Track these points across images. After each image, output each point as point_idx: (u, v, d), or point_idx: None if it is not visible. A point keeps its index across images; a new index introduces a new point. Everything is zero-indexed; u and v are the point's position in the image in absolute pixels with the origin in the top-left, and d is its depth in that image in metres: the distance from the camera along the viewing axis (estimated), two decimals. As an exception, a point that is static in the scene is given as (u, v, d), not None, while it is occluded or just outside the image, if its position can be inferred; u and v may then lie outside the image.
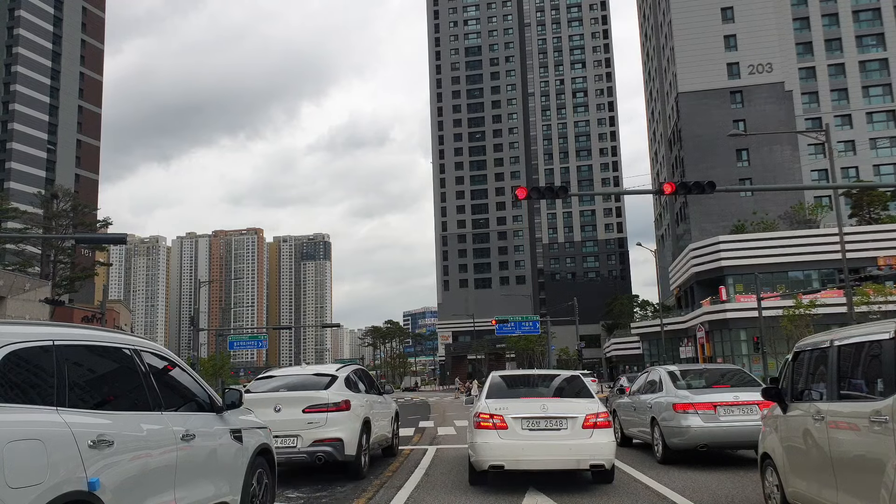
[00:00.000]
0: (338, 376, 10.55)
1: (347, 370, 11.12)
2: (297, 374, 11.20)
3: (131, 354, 4.80)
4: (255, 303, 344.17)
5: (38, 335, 3.97)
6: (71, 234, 51.18)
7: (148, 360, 4.97)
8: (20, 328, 3.93)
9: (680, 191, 18.11)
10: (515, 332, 63.55)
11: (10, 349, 3.69)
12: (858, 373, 5.29)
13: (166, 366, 5.27)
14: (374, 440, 11.13)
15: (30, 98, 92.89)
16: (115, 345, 4.70)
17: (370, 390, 11.69)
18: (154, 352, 5.14)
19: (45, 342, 3.97)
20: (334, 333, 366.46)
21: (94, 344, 4.47)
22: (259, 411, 8.42)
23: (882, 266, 45.04)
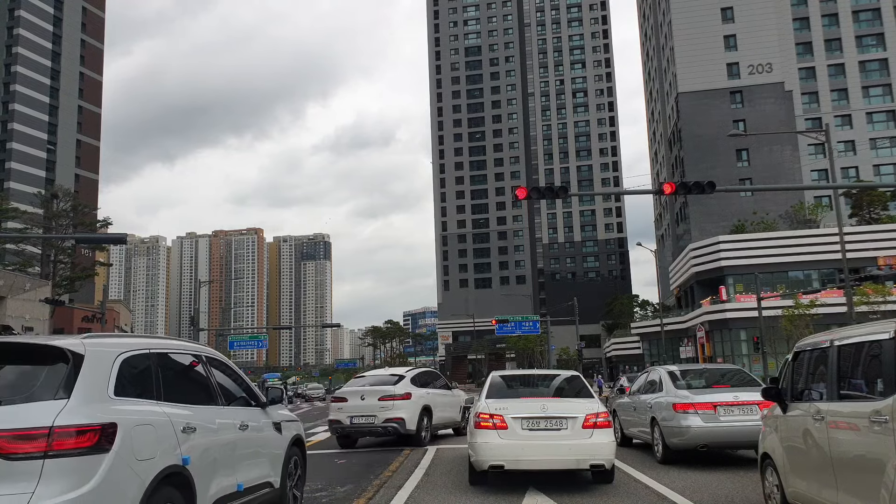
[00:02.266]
0: (405, 376, 15.04)
1: (413, 372, 15.55)
2: (379, 375, 16.26)
3: (201, 359, 5.92)
4: (255, 303, 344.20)
5: (139, 345, 5.07)
6: (71, 234, 51.17)
7: (210, 363, 6.06)
8: (126, 340, 5.09)
9: (680, 191, 18.11)
10: (515, 332, 63.54)
11: (123, 357, 4.76)
12: (858, 373, 5.29)
13: (224, 368, 6.33)
14: (437, 422, 15.37)
15: (30, 98, 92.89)
16: (189, 352, 5.81)
17: (435, 386, 15.84)
18: (214, 357, 6.24)
19: (144, 350, 5.05)
20: (334, 333, 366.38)
21: (175, 351, 5.61)
22: (351, 400, 14.50)
23: (882, 266, 45.06)
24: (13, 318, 43.59)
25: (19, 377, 4.32)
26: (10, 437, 3.89)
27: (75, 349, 4.43)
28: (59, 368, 4.31)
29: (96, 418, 4.19)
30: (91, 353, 4.49)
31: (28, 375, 4.30)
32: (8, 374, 4.35)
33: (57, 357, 4.38)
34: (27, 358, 4.46)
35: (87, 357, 4.43)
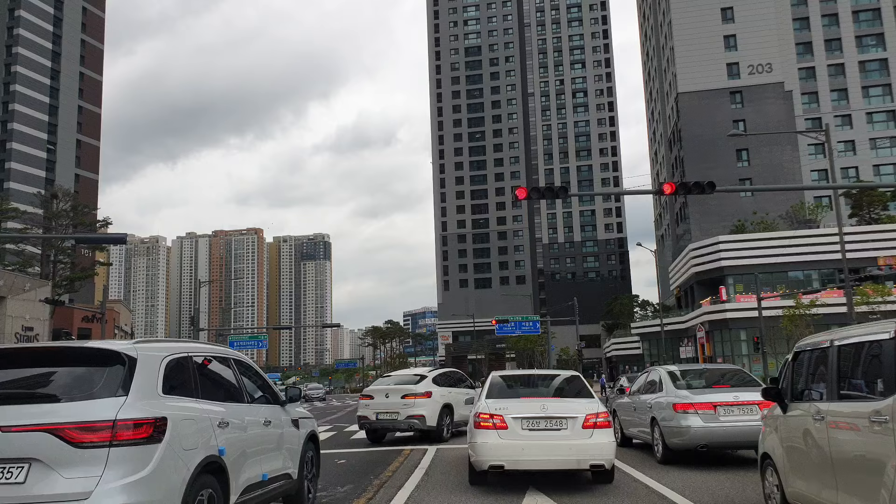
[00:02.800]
0: (427, 376, 16.21)
1: (436, 372, 16.80)
2: (403, 375, 17.74)
3: (230, 361, 6.54)
4: (255, 303, 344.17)
5: (180, 349, 5.67)
6: (71, 234, 51.15)
7: (238, 365, 6.67)
8: (169, 344, 5.66)
9: (680, 191, 18.11)
10: (515, 332, 63.49)
11: (168, 359, 5.36)
12: (858, 373, 5.29)
13: (249, 369, 6.94)
14: (459, 420, 16.14)
15: (30, 98, 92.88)
16: (221, 355, 6.46)
17: (458, 386, 17.00)
18: (241, 359, 6.88)
19: (184, 354, 5.67)
20: (334, 333, 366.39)
21: (209, 354, 6.22)
22: (377, 397, 15.77)
23: (882, 266, 45.05)
24: (13, 318, 43.58)
25: (83, 377, 4.89)
26: (80, 428, 4.49)
27: (130, 353, 5.04)
28: (116, 370, 4.91)
29: (150, 413, 4.80)
30: (142, 357, 5.10)
31: (90, 375, 4.89)
32: (73, 374, 4.93)
33: (114, 360, 4.98)
34: (88, 360, 5.04)
35: (140, 360, 5.04)
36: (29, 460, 4.44)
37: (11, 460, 4.44)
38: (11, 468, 4.44)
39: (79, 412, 4.55)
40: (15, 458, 4.45)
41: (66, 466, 4.44)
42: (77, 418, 4.51)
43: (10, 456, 4.44)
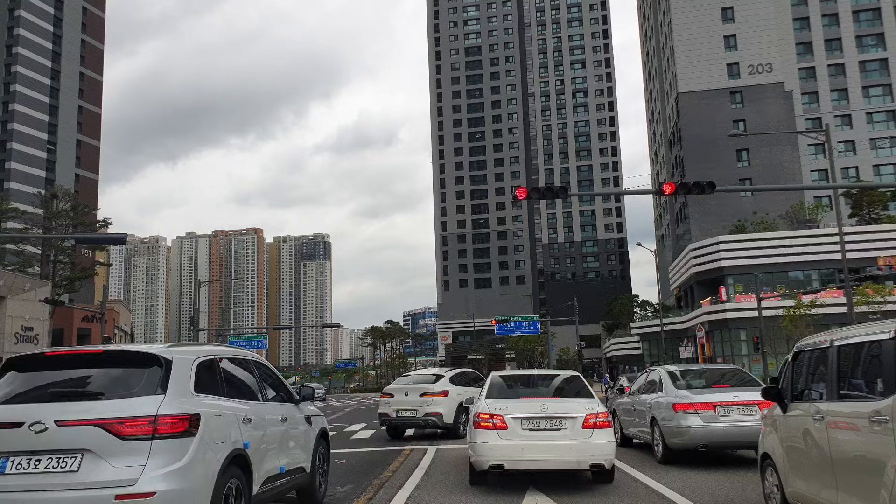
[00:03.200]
0: (444, 376, 16.94)
1: (452, 372, 17.41)
2: (421, 374, 18.80)
3: (250, 363, 7.06)
4: (255, 303, 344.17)
5: (208, 352, 6.22)
6: (71, 234, 51.13)
7: (257, 366, 7.20)
8: (198, 347, 6.25)
9: (680, 191, 18.11)
10: (515, 332, 63.47)
11: (198, 361, 5.88)
12: (858, 373, 5.29)
13: (267, 370, 7.49)
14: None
15: (30, 98, 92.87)
16: (242, 357, 6.99)
17: (473, 385, 16.98)
18: (260, 361, 7.45)
19: (212, 356, 6.21)
20: (334, 333, 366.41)
21: (233, 357, 6.74)
22: (397, 396, 16.55)
23: (882, 266, 45.06)
24: (13, 318, 43.58)
25: (125, 377, 5.45)
26: (125, 423, 5.03)
27: (166, 355, 5.57)
28: (154, 371, 5.44)
29: (186, 410, 5.31)
30: (176, 359, 5.62)
31: (132, 375, 5.45)
32: (116, 374, 5.50)
33: (152, 362, 5.52)
34: (130, 362, 5.65)
35: (174, 362, 5.56)
36: (81, 451, 4.99)
37: (66, 451, 4.99)
38: (66, 458, 4.98)
39: (124, 408, 5.12)
40: (69, 449, 4.99)
41: (114, 456, 4.98)
42: (123, 414, 5.07)
43: (64, 447, 4.99)
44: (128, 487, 4.89)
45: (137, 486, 4.90)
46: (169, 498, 4.96)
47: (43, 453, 5.00)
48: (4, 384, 5.49)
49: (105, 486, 4.88)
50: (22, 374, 5.57)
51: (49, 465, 4.98)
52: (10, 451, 5.02)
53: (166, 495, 4.95)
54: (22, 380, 5.51)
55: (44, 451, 5.00)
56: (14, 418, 5.08)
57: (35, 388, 5.44)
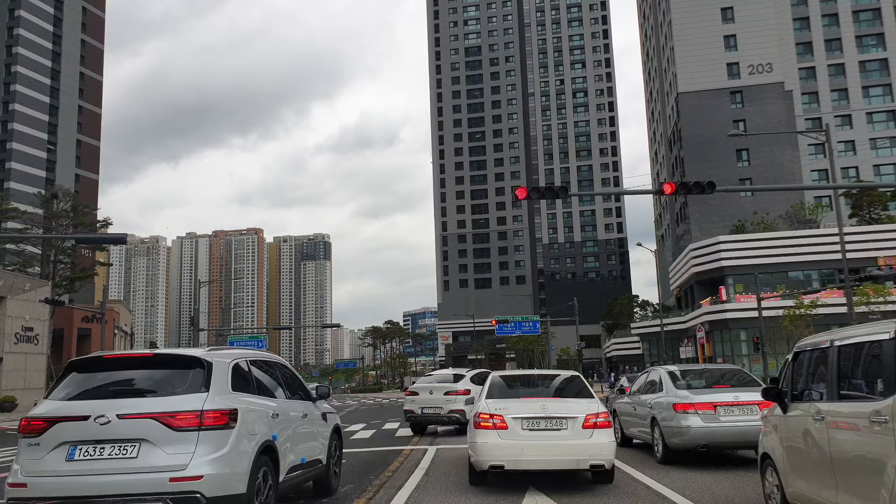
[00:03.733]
0: (465, 376, 18.06)
1: (473, 372, 18.55)
2: (443, 374, 20.13)
3: (274, 365, 7.94)
4: (255, 303, 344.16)
5: (240, 355, 7.02)
6: (71, 234, 51.13)
7: (280, 368, 8.05)
8: (233, 351, 7.07)
9: (680, 191, 18.11)
10: (515, 332, 63.51)
11: (233, 363, 6.70)
12: (858, 373, 5.28)
13: (289, 372, 8.30)
14: None
15: (30, 98, 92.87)
16: (268, 359, 7.91)
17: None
18: (283, 363, 8.32)
19: (245, 359, 7.05)
20: (334, 333, 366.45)
21: (261, 360, 7.59)
22: (422, 394, 17.84)
23: (882, 266, 45.06)
24: (13, 318, 43.58)
25: (173, 377, 6.24)
26: (176, 416, 5.83)
27: (207, 358, 6.37)
28: (198, 372, 6.23)
29: (226, 405, 6.10)
30: (215, 362, 6.41)
31: (179, 376, 6.23)
32: (165, 375, 6.28)
33: (196, 364, 6.31)
34: (177, 364, 6.41)
35: (214, 364, 6.35)
36: (139, 440, 5.80)
37: (126, 440, 5.80)
38: (126, 446, 5.79)
39: (174, 404, 5.93)
40: (129, 439, 5.81)
41: (167, 445, 5.78)
42: (174, 408, 5.89)
43: (125, 437, 5.80)
44: (180, 471, 5.70)
45: (188, 470, 5.72)
46: (214, 481, 5.77)
47: (106, 442, 5.82)
48: (68, 383, 6.30)
49: (160, 471, 5.70)
50: (82, 375, 6.39)
51: (112, 453, 5.79)
52: (78, 441, 5.84)
53: (211, 478, 5.76)
54: (83, 379, 6.33)
55: (107, 441, 5.82)
56: (81, 412, 5.90)
57: (96, 386, 6.22)
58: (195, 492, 5.70)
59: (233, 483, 5.94)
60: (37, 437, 5.93)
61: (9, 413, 39.98)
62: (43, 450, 5.88)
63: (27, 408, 40.35)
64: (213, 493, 5.75)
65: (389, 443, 15.90)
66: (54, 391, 6.29)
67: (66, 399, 6.11)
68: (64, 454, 5.83)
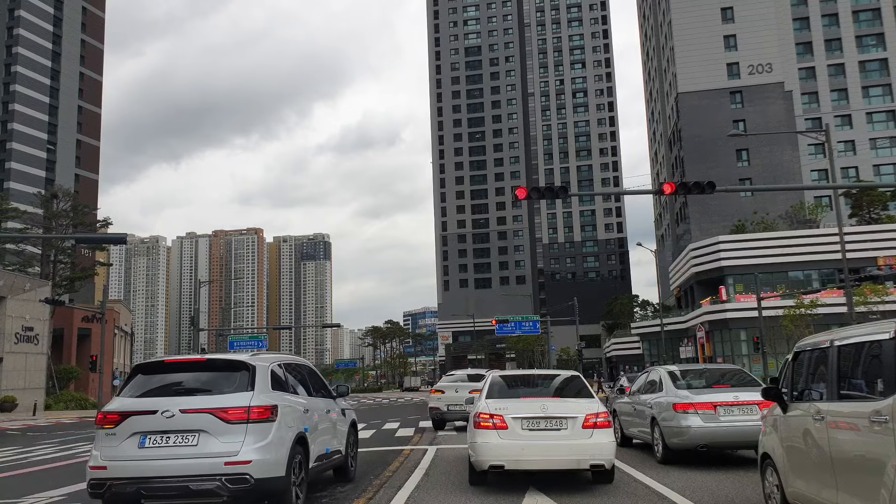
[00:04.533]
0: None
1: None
2: (464, 373, 21.26)
3: (302, 367, 9.04)
4: (255, 303, 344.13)
5: (276, 359, 8.09)
6: (71, 234, 51.12)
7: (307, 369, 9.14)
8: (270, 356, 8.12)
9: (680, 191, 18.11)
10: (515, 332, 63.48)
11: (272, 366, 7.72)
12: (858, 373, 5.28)
13: (313, 372, 9.39)
14: None
15: (30, 98, 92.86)
16: (298, 362, 9.03)
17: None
18: (308, 365, 9.44)
19: (280, 362, 8.11)
20: (334, 333, 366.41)
21: (292, 363, 8.69)
22: (447, 392, 19.17)
23: (882, 266, 45.06)
24: (13, 317, 43.58)
25: (224, 378, 7.30)
26: (228, 411, 6.86)
27: (251, 362, 7.42)
28: (244, 374, 7.28)
29: (268, 402, 7.12)
30: (258, 365, 7.44)
31: (228, 377, 7.30)
32: (217, 376, 7.35)
33: (242, 367, 7.36)
34: (227, 367, 7.45)
35: (257, 367, 7.39)
36: (198, 431, 6.82)
37: (188, 431, 6.82)
38: (188, 436, 6.82)
39: (227, 401, 6.95)
40: (190, 430, 6.82)
41: (222, 435, 6.80)
42: (226, 404, 6.91)
43: (187, 428, 6.82)
44: (232, 457, 6.71)
45: (239, 456, 6.73)
46: (260, 465, 6.77)
47: (171, 433, 6.83)
48: (136, 383, 7.35)
49: (216, 456, 6.72)
50: (146, 376, 7.46)
51: (176, 441, 6.81)
52: (147, 431, 6.87)
53: (258, 463, 6.76)
54: (148, 380, 7.39)
55: (172, 431, 6.83)
56: (150, 408, 6.92)
57: (159, 386, 7.27)
58: (245, 474, 6.70)
59: (275, 467, 6.94)
60: (113, 428, 6.95)
61: (9, 413, 39.97)
62: (118, 439, 6.90)
63: (27, 407, 40.35)
64: (259, 475, 6.75)
65: (389, 443, 15.91)
66: (124, 390, 7.35)
67: (136, 396, 7.18)
68: (136, 442, 6.86)
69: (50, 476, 12.03)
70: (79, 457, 15.46)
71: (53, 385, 49.73)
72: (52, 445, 19.04)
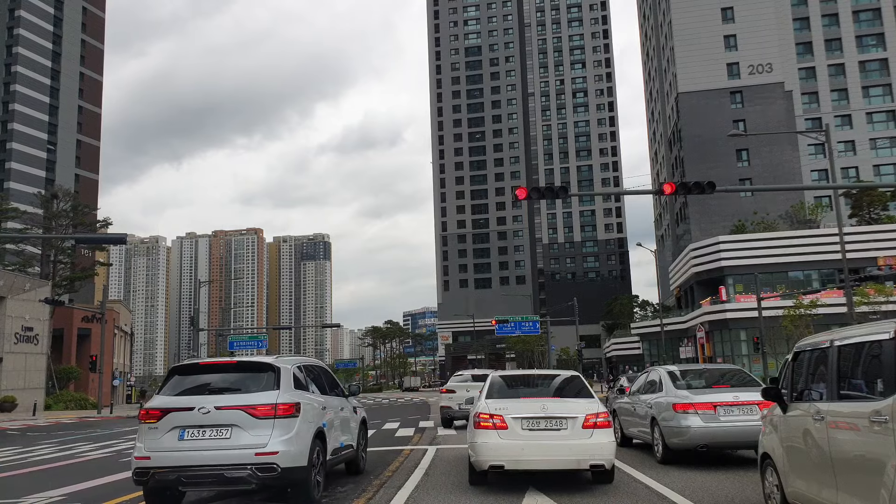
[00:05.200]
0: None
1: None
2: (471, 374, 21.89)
3: (318, 368, 9.83)
4: (255, 303, 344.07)
5: (297, 361, 8.95)
6: (71, 234, 51.12)
7: (322, 370, 9.91)
8: (292, 358, 8.93)
9: (680, 191, 18.11)
10: (515, 332, 63.48)
11: (294, 367, 8.53)
12: (858, 373, 5.28)
13: (328, 373, 10.16)
14: None
15: (30, 98, 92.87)
16: (315, 364, 9.82)
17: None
18: (324, 366, 10.20)
19: (300, 364, 8.97)
20: (334, 333, 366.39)
21: (310, 364, 9.52)
22: (458, 392, 20.09)
23: (882, 266, 45.04)
24: (13, 317, 43.58)
25: (252, 378, 8.13)
26: (257, 408, 7.65)
27: (276, 364, 8.26)
28: (270, 375, 8.10)
29: (292, 400, 7.93)
30: (282, 367, 8.25)
31: (256, 378, 8.12)
32: (247, 376, 8.18)
33: (268, 368, 8.19)
34: (255, 368, 8.30)
35: (282, 369, 8.20)
36: (231, 425, 7.60)
37: (222, 425, 7.62)
38: (222, 429, 7.62)
39: (256, 399, 7.75)
40: (224, 424, 7.61)
41: (252, 429, 7.57)
42: (256, 402, 7.70)
43: (221, 423, 7.62)
44: (262, 448, 7.47)
45: (267, 447, 7.49)
46: (285, 456, 7.55)
47: (207, 427, 7.61)
48: (174, 383, 8.15)
49: (247, 448, 7.49)
50: (183, 377, 8.24)
51: (211, 434, 7.60)
52: (186, 425, 7.66)
53: (284, 454, 7.53)
54: (185, 380, 8.18)
55: (208, 426, 7.61)
56: (188, 405, 7.71)
57: (195, 385, 8.07)
58: (273, 464, 7.46)
59: (298, 458, 7.72)
60: (155, 423, 7.74)
61: (9, 413, 39.97)
62: (160, 432, 7.68)
63: (27, 408, 40.34)
64: (285, 465, 7.53)
65: (389, 443, 15.90)
66: (164, 388, 8.15)
67: (174, 394, 7.96)
68: (176, 435, 7.65)
69: (50, 476, 12.03)
70: (79, 457, 15.46)
71: (53, 385, 49.73)
72: (52, 445, 19.04)
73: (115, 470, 12.47)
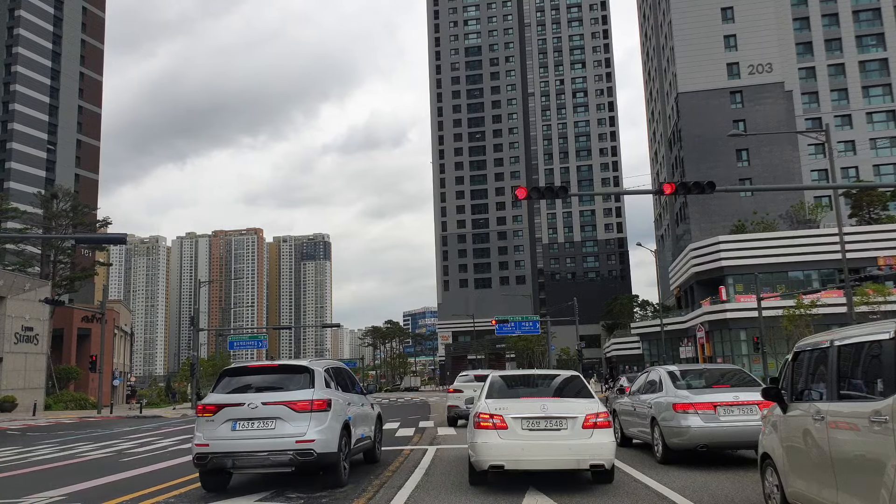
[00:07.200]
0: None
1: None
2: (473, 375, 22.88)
3: (342, 369, 11.08)
4: (255, 303, 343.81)
5: (327, 364, 10.40)
6: (71, 234, 51.10)
7: (345, 371, 11.23)
8: (323, 361, 10.53)
9: (680, 191, 18.11)
10: (515, 332, 63.44)
11: (325, 368, 10.03)
12: (858, 373, 5.28)
13: (348, 373, 11.45)
14: None
15: (30, 98, 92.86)
16: (340, 366, 11.09)
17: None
18: (345, 367, 11.48)
19: (328, 366, 10.38)
20: (334, 333, 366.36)
21: (335, 366, 10.81)
22: (466, 391, 20.73)
23: (882, 266, 45.06)
24: (13, 317, 43.58)
25: (291, 378, 9.58)
26: (297, 403, 9.00)
27: (311, 366, 9.69)
28: (306, 375, 9.54)
29: (325, 396, 9.26)
30: (315, 369, 9.67)
31: (294, 378, 9.57)
32: (287, 377, 9.65)
33: (304, 370, 9.63)
34: (293, 370, 9.76)
35: (315, 371, 9.63)
36: (275, 418, 8.97)
37: (267, 418, 8.96)
38: (268, 422, 8.98)
39: (295, 395, 9.12)
40: (269, 417, 8.97)
41: (292, 421, 8.92)
42: (296, 398, 9.06)
43: (267, 416, 8.97)
44: (301, 437, 8.82)
45: (305, 436, 8.83)
46: (320, 443, 8.86)
47: (255, 419, 8.96)
48: (226, 383, 9.55)
49: (289, 436, 8.84)
50: (231, 377, 9.64)
51: (259, 426, 8.94)
52: (238, 418, 8.98)
53: (319, 441, 8.86)
54: (234, 380, 9.59)
55: (256, 418, 8.96)
56: (239, 401, 9.10)
57: (244, 385, 9.50)
58: (311, 450, 8.80)
59: (331, 444, 9.02)
60: (212, 416, 9.08)
61: (9, 413, 39.97)
62: (216, 424, 9.02)
63: (27, 407, 40.34)
64: (320, 451, 8.86)
65: (389, 443, 15.90)
66: (217, 387, 9.52)
67: (226, 392, 9.36)
68: (230, 427, 8.97)
69: (50, 476, 12.03)
70: (79, 457, 15.46)
71: (53, 385, 49.72)
72: (52, 445, 19.04)
73: (116, 470, 12.48)
